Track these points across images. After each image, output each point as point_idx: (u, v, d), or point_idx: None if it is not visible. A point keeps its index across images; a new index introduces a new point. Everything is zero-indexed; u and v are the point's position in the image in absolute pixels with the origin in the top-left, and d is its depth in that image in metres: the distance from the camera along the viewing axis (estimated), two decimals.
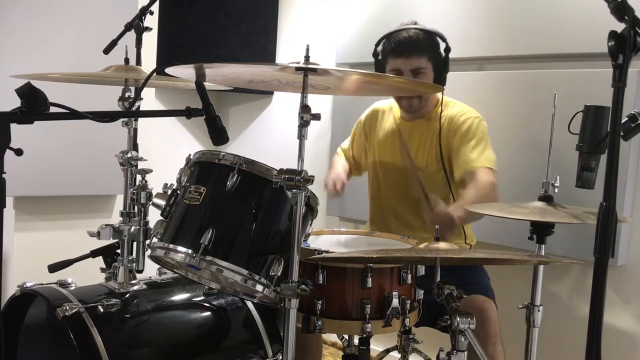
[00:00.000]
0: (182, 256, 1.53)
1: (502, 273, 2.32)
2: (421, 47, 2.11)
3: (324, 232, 2.01)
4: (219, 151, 1.62)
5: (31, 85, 1.28)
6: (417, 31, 2.13)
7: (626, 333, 2.29)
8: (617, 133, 1.12)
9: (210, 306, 1.88)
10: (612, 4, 1.12)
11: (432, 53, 2.13)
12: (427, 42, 2.13)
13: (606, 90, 1.15)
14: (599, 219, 1.12)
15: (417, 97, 2.19)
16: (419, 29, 2.13)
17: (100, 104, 1.60)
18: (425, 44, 2.12)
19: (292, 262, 1.45)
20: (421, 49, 2.11)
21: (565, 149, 1.80)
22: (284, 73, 1.55)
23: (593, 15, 2.22)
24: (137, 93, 1.88)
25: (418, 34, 2.12)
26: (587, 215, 1.65)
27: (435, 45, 2.15)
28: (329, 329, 1.67)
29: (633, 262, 2.28)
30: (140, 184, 1.85)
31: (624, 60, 1.09)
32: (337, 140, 2.65)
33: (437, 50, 2.15)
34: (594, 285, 1.13)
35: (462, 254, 1.64)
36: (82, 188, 3.06)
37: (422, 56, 2.10)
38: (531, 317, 1.82)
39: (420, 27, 2.15)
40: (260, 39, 3.51)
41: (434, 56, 2.13)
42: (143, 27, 2.14)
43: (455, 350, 1.40)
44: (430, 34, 2.14)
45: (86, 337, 1.56)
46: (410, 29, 2.13)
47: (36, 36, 2.81)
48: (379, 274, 1.65)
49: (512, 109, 2.51)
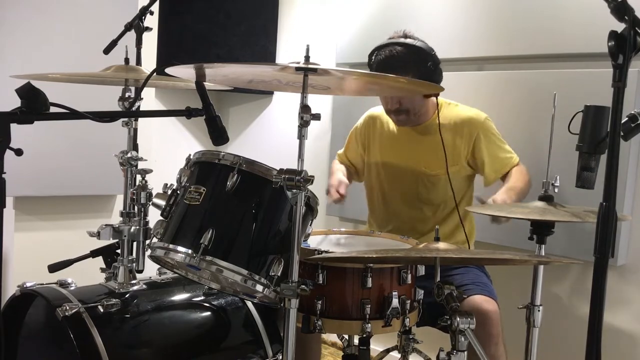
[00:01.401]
0: (182, 256, 1.53)
1: (502, 273, 2.32)
2: (402, 65, 2.06)
3: (323, 232, 2.01)
4: (219, 151, 1.62)
5: (31, 85, 1.28)
6: (401, 48, 2.08)
7: (626, 333, 2.29)
8: (617, 133, 1.12)
9: (210, 306, 1.88)
10: (612, 4, 1.12)
11: (418, 69, 2.07)
12: (409, 58, 2.08)
13: (606, 90, 1.15)
14: (599, 219, 1.12)
15: (404, 113, 2.18)
16: (403, 45, 2.08)
17: (100, 104, 1.60)
18: (407, 60, 2.07)
19: (292, 262, 1.45)
20: (403, 68, 2.04)
21: (565, 149, 1.80)
22: (284, 73, 1.55)
23: (593, 15, 2.22)
24: (137, 93, 1.88)
25: (400, 51, 2.07)
26: (587, 214, 1.65)
27: (422, 60, 2.09)
28: (329, 329, 1.67)
29: (633, 262, 2.28)
30: (140, 184, 1.85)
31: (624, 60, 1.09)
32: (337, 140, 2.65)
33: (424, 65, 2.09)
34: (594, 285, 1.13)
35: (462, 254, 1.65)
36: (82, 188, 3.06)
37: (406, 74, 2.02)
38: (531, 317, 1.83)
39: (408, 41, 2.10)
40: (260, 39, 3.51)
41: (419, 72, 2.07)
42: (143, 27, 2.14)
43: (455, 350, 1.40)
44: (415, 49, 2.09)
45: (86, 337, 1.56)
46: (396, 46, 2.08)
47: (36, 36, 2.81)
48: (379, 274, 1.65)
49: (512, 109, 2.51)
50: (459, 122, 2.20)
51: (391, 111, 2.21)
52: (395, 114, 2.21)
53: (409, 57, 2.08)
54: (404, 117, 2.21)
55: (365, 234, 2.06)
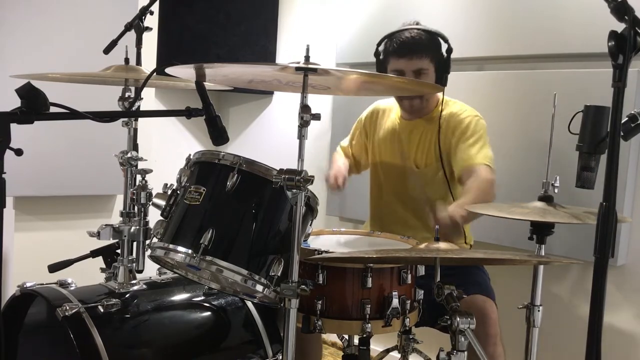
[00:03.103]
0: (182, 256, 1.53)
1: (502, 273, 2.32)
2: (423, 48, 2.11)
3: (324, 232, 2.01)
4: (219, 151, 1.62)
5: (31, 85, 1.28)
6: (420, 32, 2.12)
7: (626, 333, 2.29)
8: (617, 133, 1.12)
9: (210, 306, 1.88)
10: (612, 4, 1.12)
11: (434, 54, 2.13)
12: (429, 43, 2.12)
13: (606, 90, 1.15)
14: (599, 219, 1.12)
15: (418, 97, 2.19)
16: (421, 30, 2.13)
17: (100, 104, 1.60)
18: (427, 44, 2.12)
19: (292, 262, 1.45)
20: (424, 50, 2.10)
21: (565, 149, 1.80)
22: (284, 73, 1.55)
23: (593, 15, 2.22)
24: (137, 93, 1.88)
25: (421, 34, 2.12)
26: (587, 215, 1.65)
27: (438, 46, 2.14)
28: (329, 329, 1.67)
29: (633, 262, 2.28)
30: (140, 184, 1.85)
31: (624, 60, 1.09)
32: (337, 140, 2.65)
33: (439, 51, 2.14)
34: (594, 285, 1.13)
35: (462, 254, 1.65)
36: (82, 188, 3.06)
37: (425, 57, 2.10)
38: (531, 317, 1.83)
39: (423, 27, 2.14)
40: (260, 39, 3.51)
41: (436, 57, 2.12)
42: (143, 27, 2.14)
43: (455, 350, 1.40)
44: (433, 35, 2.14)
45: (86, 337, 1.56)
46: (413, 30, 2.13)
47: (36, 36, 2.81)
48: (379, 274, 1.65)
49: (512, 109, 2.51)
50: (450, 119, 2.18)
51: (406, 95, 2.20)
52: (409, 98, 2.20)
53: (428, 41, 2.12)
54: (418, 102, 2.20)
55: (365, 234, 2.06)
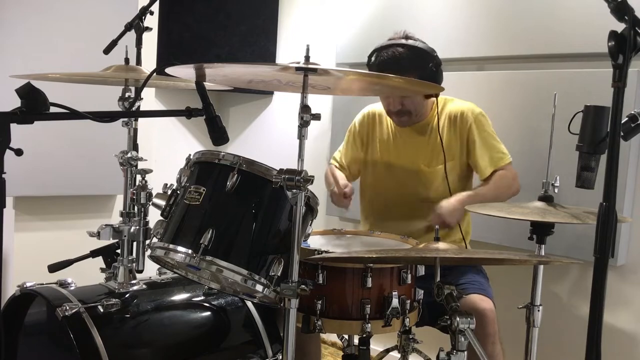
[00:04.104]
0: (182, 256, 1.53)
1: (502, 273, 2.32)
2: (405, 67, 2.04)
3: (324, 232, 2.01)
4: (219, 151, 1.62)
5: (31, 85, 1.28)
6: (404, 50, 2.06)
7: (626, 333, 2.29)
8: (617, 133, 1.12)
9: (210, 306, 1.88)
10: (612, 4, 1.12)
11: (420, 71, 2.06)
12: (413, 59, 2.06)
13: (606, 90, 1.15)
14: (599, 219, 1.12)
15: (406, 114, 2.19)
16: (406, 46, 2.07)
17: (100, 104, 1.60)
18: (410, 62, 2.06)
19: (292, 262, 1.45)
20: (405, 69, 2.02)
21: (565, 149, 1.80)
22: (284, 73, 1.55)
23: (593, 15, 2.22)
24: (137, 93, 1.88)
25: (403, 53, 2.06)
26: (587, 215, 1.65)
27: (423, 61, 2.08)
28: (329, 329, 1.67)
29: (633, 262, 2.28)
30: (140, 184, 1.85)
31: (624, 60, 1.09)
32: (337, 140, 2.65)
33: (426, 66, 2.08)
34: (594, 285, 1.13)
35: (462, 254, 1.65)
36: (82, 188, 3.06)
37: (408, 75, 1.99)
38: (531, 317, 1.83)
39: (409, 43, 2.08)
40: (260, 39, 3.51)
41: (421, 73, 2.05)
42: (143, 27, 2.14)
43: (455, 350, 1.40)
44: (417, 51, 2.08)
45: (86, 337, 1.56)
46: (398, 48, 2.07)
47: (36, 36, 2.81)
48: (379, 274, 1.65)
49: (512, 109, 2.51)
50: (452, 116, 2.20)
51: (393, 112, 2.21)
52: (397, 115, 2.21)
53: (411, 58, 2.07)
54: (406, 119, 2.21)
55: (365, 234, 2.06)
